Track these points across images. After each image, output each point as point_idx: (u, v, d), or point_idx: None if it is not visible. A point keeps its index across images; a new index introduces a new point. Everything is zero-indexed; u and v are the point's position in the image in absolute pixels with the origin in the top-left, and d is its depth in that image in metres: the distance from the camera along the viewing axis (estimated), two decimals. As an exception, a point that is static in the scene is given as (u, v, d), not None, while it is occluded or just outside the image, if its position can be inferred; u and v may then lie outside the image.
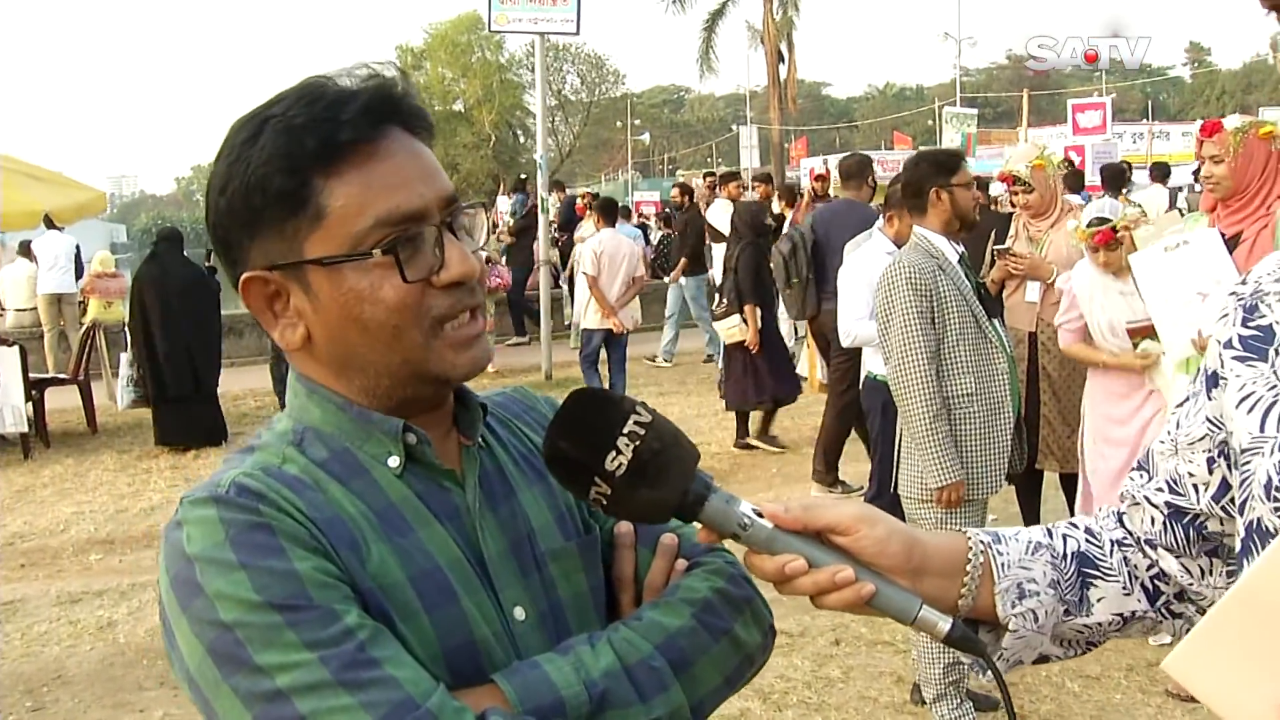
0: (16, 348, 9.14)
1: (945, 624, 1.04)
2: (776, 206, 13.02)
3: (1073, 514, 5.54)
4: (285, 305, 1.09)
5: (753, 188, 12.21)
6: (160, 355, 8.98)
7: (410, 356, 1.08)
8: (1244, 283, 1.09)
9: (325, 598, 0.98)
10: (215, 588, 0.97)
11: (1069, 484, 5.54)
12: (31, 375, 9.47)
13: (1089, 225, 4.55)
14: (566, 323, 14.53)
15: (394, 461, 1.10)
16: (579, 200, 14.58)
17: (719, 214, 11.12)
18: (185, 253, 9.71)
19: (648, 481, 1.02)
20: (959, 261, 3.85)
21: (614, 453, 1.02)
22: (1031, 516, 5.70)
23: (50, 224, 11.65)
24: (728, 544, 1.10)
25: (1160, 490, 1.15)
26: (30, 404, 9.25)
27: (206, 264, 12.64)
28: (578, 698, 1.03)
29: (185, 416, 9.11)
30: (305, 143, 1.03)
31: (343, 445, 1.11)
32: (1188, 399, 1.15)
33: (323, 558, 1.01)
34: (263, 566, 0.97)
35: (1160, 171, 14.61)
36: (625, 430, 1.03)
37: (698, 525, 1.06)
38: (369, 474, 1.10)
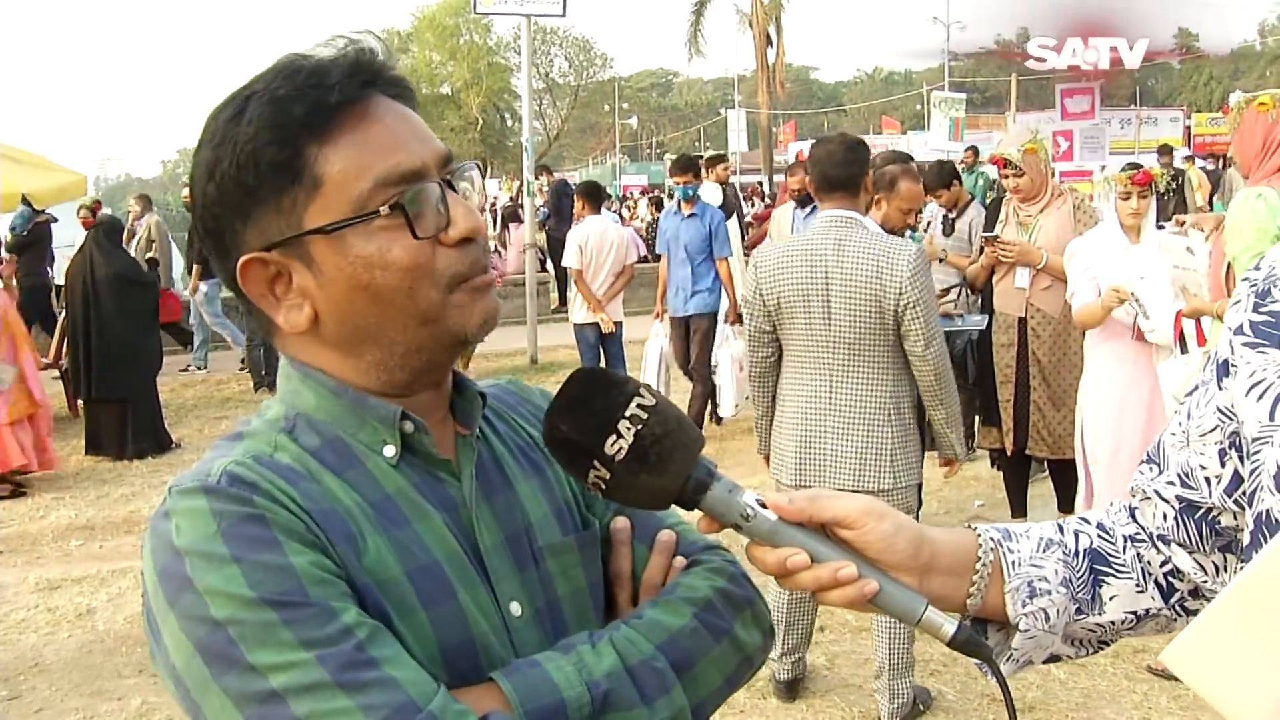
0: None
1: (950, 626, 0.99)
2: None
3: (1061, 501, 5.54)
4: (287, 286, 1.05)
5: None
6: (83, 354, 8.38)
7: (428, 317, 1.04)
8: (1257, 268, 1.05)
9: (322, 594, 0.93)
10: (207, 583, 0.92)
11: (1057, 470, 5.54)
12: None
13: (1123, 170, 4.64)
14: (552, 307, 14.49)
15: (389, 451, 1.06)
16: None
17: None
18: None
19: (649, 467, 0.98)
20: None
21: (614, 436, 0.98)
22: (1019, 503, 5.70)
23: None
24: (727, 538, 1.06)
25: (1171, 484, 1.11)
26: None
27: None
28: (580, 699, 0.99)
29: (115, 422, 8.38)
30: (294, 110, 1.00)
31: (335, 433, 1.07)
32: (1197, 388, 1.10)
33: (319, 552, 0.96)
34: (257, 561, 0.93)
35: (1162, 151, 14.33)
36: (627, 413, 0.98)
37: (698, 515, 1.03)
38: (363, 464, 1.06)
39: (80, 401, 8.94)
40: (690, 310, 8.17)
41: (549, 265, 14.87)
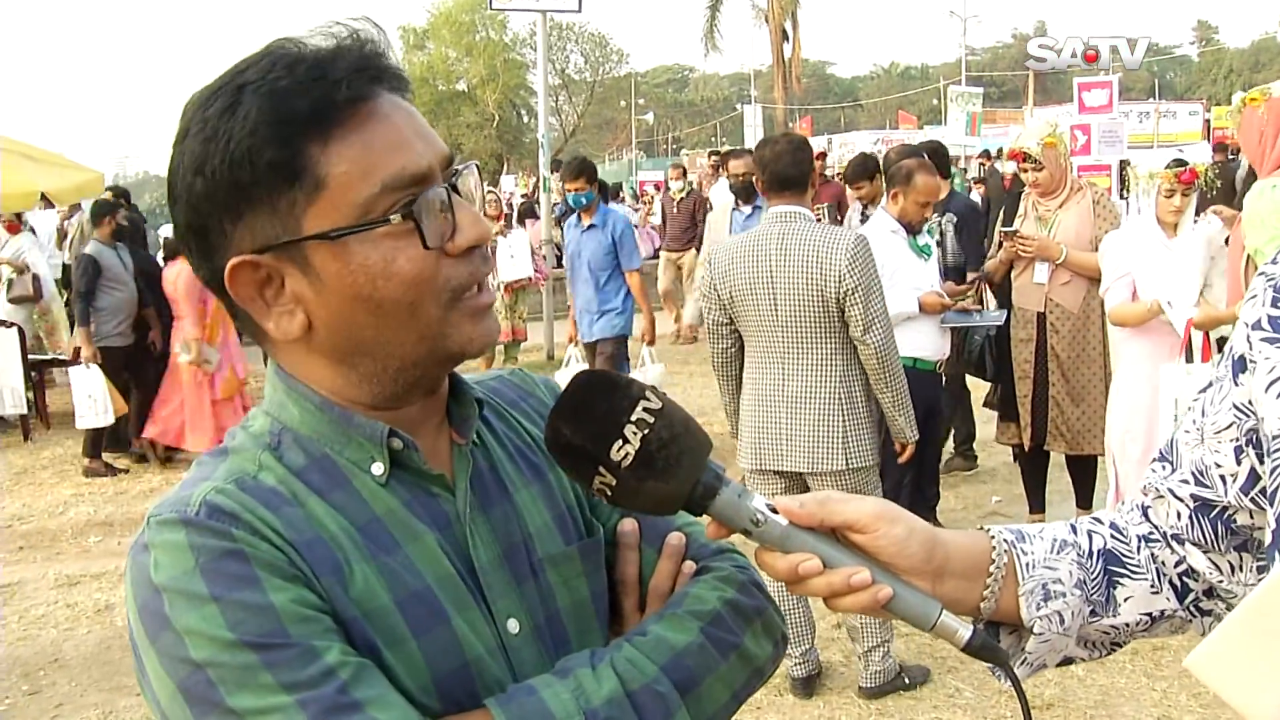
0: (15, 329, 9.08)
1: (965, 631, 0.98)
2: None
3: (1079, 497, 5.50)
4: (279, 291, 0.98)
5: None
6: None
7: (427, 333, 0.99)
8: (1274, 262, 1.03)
9: (304, 633, 0.90)
10: (185, 623, 0.88)
11: (1075, 466, 5.50)
12: (31, 357, 9.43)
13: (1168, 167, 4.62)
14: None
15: (378, 469, 1.01)
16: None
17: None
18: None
19: (656, 473, 0.95)
20: None
21: (620, 441, 0.94)
22: (1037, 499, 5.66)
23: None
24: (738, 540, 1.04)
25: (1185, 482, 1.08)
26: (30, 386, 9.21)
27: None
28: None
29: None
30: (296, 106, 0.93)
31: (322, 451, 1.02)
32: (1211, 384, 1.08)
33: (302, 587, 0.92)
34: (236, 600, 0.89)
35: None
36: (633, 418, 0.95)
37: (706, 520, 1.00)
38: (350, 483, 1.01)
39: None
40: (596, 334, 7.24)
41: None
